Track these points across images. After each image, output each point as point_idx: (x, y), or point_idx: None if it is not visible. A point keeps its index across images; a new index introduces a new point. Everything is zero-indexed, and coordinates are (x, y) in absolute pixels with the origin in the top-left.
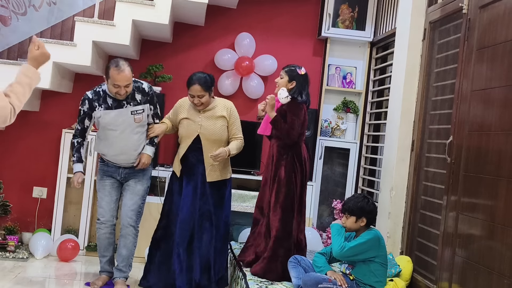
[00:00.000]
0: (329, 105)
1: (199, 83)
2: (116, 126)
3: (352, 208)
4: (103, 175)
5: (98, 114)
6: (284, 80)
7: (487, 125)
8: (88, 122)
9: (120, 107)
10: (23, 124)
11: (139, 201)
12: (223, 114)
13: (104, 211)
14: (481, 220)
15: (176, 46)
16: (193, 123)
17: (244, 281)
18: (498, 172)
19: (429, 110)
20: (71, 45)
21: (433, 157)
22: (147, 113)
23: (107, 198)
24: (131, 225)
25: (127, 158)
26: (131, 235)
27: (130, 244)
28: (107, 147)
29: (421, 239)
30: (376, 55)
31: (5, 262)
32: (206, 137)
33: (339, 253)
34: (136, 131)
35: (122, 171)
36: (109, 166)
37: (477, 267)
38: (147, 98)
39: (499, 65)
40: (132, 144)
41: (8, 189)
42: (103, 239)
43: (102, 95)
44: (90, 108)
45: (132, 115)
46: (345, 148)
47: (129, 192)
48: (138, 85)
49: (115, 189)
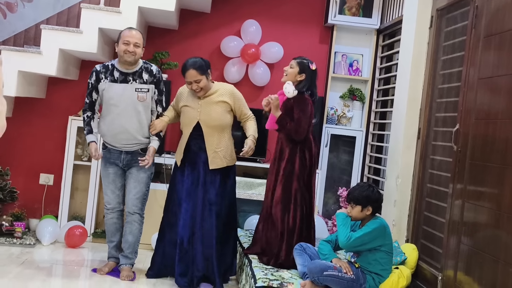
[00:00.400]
0: (336, 92)
1: (194, 67)
2: (118, 101)
3: (358, 198)
4: (106, 163)
5: (103, 87)
6: (294, 70)
7: (493, 113)
8: (96, 95)
9: (125, 82)
10: (30, 111)
11: (144, 188)
12: (224, 99)
13: (110, 198)
14: (487, 208)
15: (182, 33)
16: (193, 110)
17: (250, 268)
18: (504, 160)
19: (436, 98)
20: (77, 32)
21: (439, 145)
22: (151, 95)
23: (111, 186)
24: (136, 212)
25: (127, 138)
26: (137, 222)
27: (136, 231)
28: (108, 125)
29: (426, 227)
30: (382, 43)
31: (13, 248)
32: (206, 123)
33: (346, 244)
34: (138, 111)
35: (124, 157)
36: (111, 152)
37: (482, 255)
38: (153, 79)
39: (506, 52)
40: (133, 123)
41: (15, 176)
42: (110, 225)
43: (110, 68)
44: (97, 80)
45: (136, 92)
46: (351, 136)
47: (132, 180)
48: (147, 66)
49: (119, 177)
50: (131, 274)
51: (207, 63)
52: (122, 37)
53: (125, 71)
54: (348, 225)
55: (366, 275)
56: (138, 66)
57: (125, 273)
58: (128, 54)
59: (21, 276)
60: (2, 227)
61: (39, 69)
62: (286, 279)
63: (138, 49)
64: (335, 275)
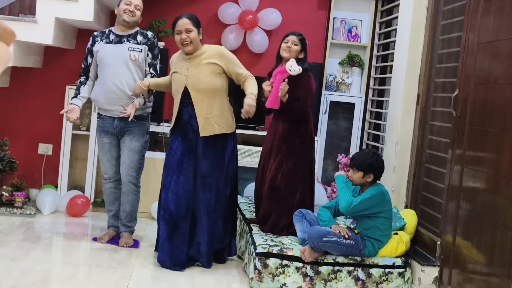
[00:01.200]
0: (334, 59)
1: (187, 17)
2: (111, 60)
3: (361, 164)
4: (100, 132)
5: (97, 48)
6: (298, 48)
7: (493, 78)
8: (91, 59)
9: (119, 43)
10: (27, 81)
11: (138, 157)
12: (212, 61)
13: (106, 168)
14: (485, 173)
15: (179, 0)
16: (180, 75)
17: (250, 235)
18: (503, 125)
19: (435, 63)
20: (73, 0)
21: (439, 111)
22: (143, 57)
23: (107, 156)
24: (131, 182)
25: (119, 97)
26: (132, 192)
27: (133, 200)
28: (102, 85)
29: (425, 193)
30: (381, 8)
31: (13, 218)
32: (194, 87)
33: (347, 209)
34: (131, 70)
35: (117, 125)
36: (104, 120)
37: (481, 220)
38: (147, 42)
39: (506, 16)
40: (125, 81)
41: (14, 146)
42: (108, 194)
43: (107, 32)
44: (92, 44)
45: (128, 50)
46: (350, 102)
47: (126, 149)
48: (143, 31)
49: (114, 147)
50: (130, 241)
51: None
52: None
53: (121, 34)
54: (350, 189)
55: (366, 241)
56: (134, 30)
57: (124, 240)
58: (128, 13)
59: (22, 246)
60: (2, 197)
61: (35, 38)
62: (286, 244)
63: (138, 12)
64: (335, 240)
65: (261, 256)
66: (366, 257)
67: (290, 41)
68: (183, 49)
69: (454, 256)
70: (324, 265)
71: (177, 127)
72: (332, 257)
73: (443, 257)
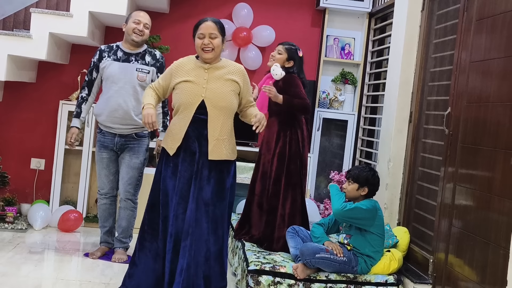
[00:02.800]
0: (327, 76)
1: (213, 21)
2: (118, 79)
3: (358, 176)
4: (100, 147)
5: (104, 64)
6: (283, 57)
7: (485, 96)
8: (96, 73)
9: (127, 61)
10: (21, 96)
11: (136, 174)
12: (234, 78)
13: (103, 183)
14: (478, 191)
15: (173, 16)
16: (196, 86)
17: (242, 251)
18: (495, 143)
19: (428, 81)
20: (67, 15)
21: (431, 129)
22: (151, 78)
23: (105, 171)
24: (129, 198)
25: (123, 117)
26: (130, 208)
27: (130, 217)
28: (106, 101)
29: (418, 210)
30: (374, 26)
31: (4, 233)
32: (213, 102)
33: (339, 211)
34: (137, 90)
35: (117, 141)
36: (105, 136)
37: (473, 237)
38: (156, 63)
39: (498, 36)
40: (130, 102)
41: (6, 160)
42: (103, 210)
43: (115, 48)
44: (99, 59)
45: (136, 71)
46: (343, 119)
47: (125, 166)
48: (151, 50)
49: (112, 162)
50: (123, 257)
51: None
52: (132, 16)
53: (129, 52)
54: (343, 196)
55: (358, 258)
56: (142, 49)
57: (117, 256)
58: (137, 33)
59: (13, 261)
60: None
61: (29, 53)
62: (278, 262)
63: (146, 30)
64: (327, 257)
65: (254, 273)
66: (359, 274)
67: (276, 50)
68: (202, 55)
69: (447, 273)
70: (316, 282)
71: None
72: (324, 274)
73: (435, 274)
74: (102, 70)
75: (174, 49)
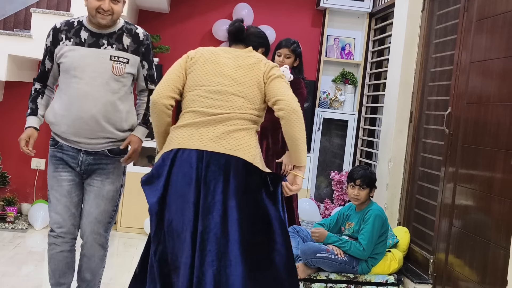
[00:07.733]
0: (328, 76)
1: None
2: (83, 72)
3: (370, 180)
4: (57, 165)
5: (60, 50)
6: (292, 59)
7: (485, 96)
8: (50, 63)
9: (96, 46)
10: (21, 96)
11: (109, 208)
12: None
13: (62, 218)
14: (478, 191)
15: (173, 16)
16: None
17: None
18: (496, 143)
19: (428, 81)
20: (68, 15)
21: (432, 129)
22: (135, 70)
23: (64, 200)
24: (98, 242)
25: (91, 129)
26: (98, 257)
27: (97, 268)
28: (65, 106)
29: (418, 210)
30: (375, 26)
31: (5, 232)
32: None
33: (366, 254)
34: (112, 88)
35: (82, 160)
36: (63, 150)
37: (473, 237)
38: (139, 48)
39: (498, 36)
40: (102, 106)
41: (6, 160)
42: (59, 260)
43: (76, 26)
44: (54, 42)
45: (111, 60)
46: (344, 119)
47: (93, 196)
48: (131, 27)
49: (76, 188)
50: None
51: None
52: None
53: (98, 32)
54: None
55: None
56: (118, 26)
57: None
58: (102, 14)
59: (13, 261)
60: None
61: (29, 53)
62: None
63: (116, 5)
64: (328, 257)
65: None
66: (359, 274)
67: (283, 55)
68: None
69: (447, 273)
70: (317, 282)
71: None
72: (325, 274)
73: (435, 274)
74: (59, 58)
75: (174, 49)
